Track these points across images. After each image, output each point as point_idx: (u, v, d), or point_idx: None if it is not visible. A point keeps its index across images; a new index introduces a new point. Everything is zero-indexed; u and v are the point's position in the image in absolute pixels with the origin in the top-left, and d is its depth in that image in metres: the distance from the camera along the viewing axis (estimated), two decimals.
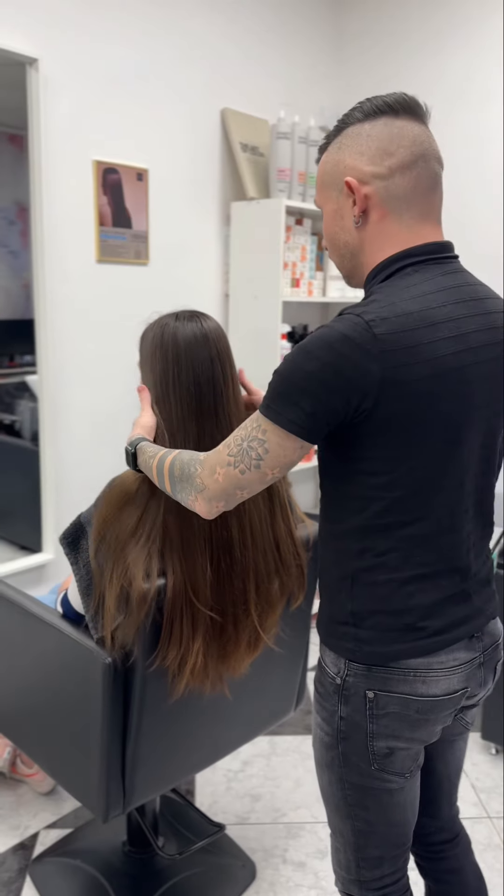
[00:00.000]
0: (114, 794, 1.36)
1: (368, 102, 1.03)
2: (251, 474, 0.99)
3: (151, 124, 2.41)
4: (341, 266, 1.12)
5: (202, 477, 1.04)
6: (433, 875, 1.33)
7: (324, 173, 1.07)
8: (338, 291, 2.89)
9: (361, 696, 1.07)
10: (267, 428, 0.97)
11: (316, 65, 3.00)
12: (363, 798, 1.12)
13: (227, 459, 1.01)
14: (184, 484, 1.07)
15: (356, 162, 1.02)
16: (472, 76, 2.69)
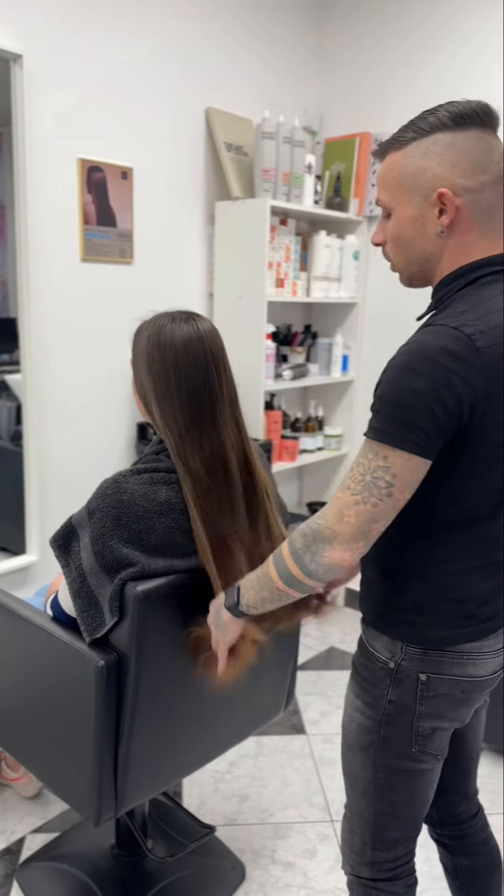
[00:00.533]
0: (106, 797, 1.35)
1: (455, 108, 1.02)
2: (385, 504, 0.99)
3: (136, 123, 2.40)
4: (406, 268, 1.12)
5: (331, 527, 1.02)
6: (465, 851, 1.39)
7: (403, 175, 1.05)
8: (321, 292, 2.90)
9: (414, 678, 1.12)
10: (388, 454, 0.98)
11: (299, 65, 3.00)
12: (394, 780, 1.17)
13: (353, 499, 1.00)
14: (312, 548, 1.03)
15: (448, 173, 1.02)
16: (456, 75, 2.71)
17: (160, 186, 2.52)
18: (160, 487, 1.29)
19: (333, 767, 2.24)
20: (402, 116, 2.87)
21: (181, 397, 1.28)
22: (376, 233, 1.13)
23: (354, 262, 3.00)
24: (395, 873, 1.24)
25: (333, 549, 1.01)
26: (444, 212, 1.03)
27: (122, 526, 1.26)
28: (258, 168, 2.58)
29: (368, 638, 1.18)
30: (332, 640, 3.05)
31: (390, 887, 1.24)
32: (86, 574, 1.30)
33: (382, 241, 1.13)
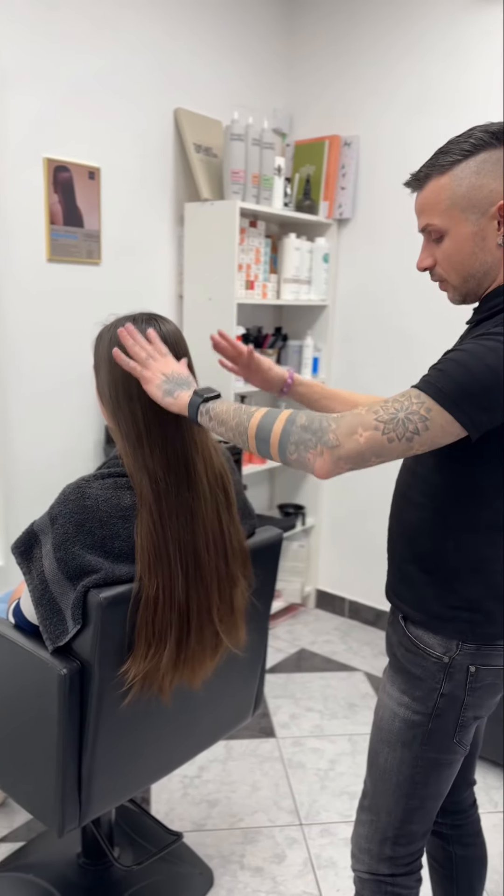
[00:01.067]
0: (70, 807, 1.33)
1: (493, 127, 1.07)
2: (398, 445, 0.99)
3: (104, 123, 2.37)
4: (463, 284, 1.14)
5: (337, 433, 1.00)
6: (462, 841, 1.44)
7: (455, 196, 1.08)
8: (292, 294, 2.89)
9: (464, 671, 1.17)
10: (432, 408, 0.97)
11: (268, 67, 3.00)
12: (429, 773, 1.21)
13: (374, 423, 0.99)
14: (307, 435, 1.02)
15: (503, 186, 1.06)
16: (425, 81, 2.73)
17: (128, 187, 2.49)
18: (124, 493, 1.27)
19: (303, 770, 2.24)
20: (371, 120, 2.88)
21: (142, 398, 1.26)
22: (423, 258, 1.16)
23: (324, 265, 3.01)
24: (411, 867, 1.27)
25: (321, 454, 1.01)
26: (503, 223, 1.07)
27: (84, 532, 1.24)
28: (227, 170, 2.57)
29: (417, 634, 1.20)
30: (302, 643, 3.05)
31: (406, 882, 1.26)
32: (48, 581, 1.28)
33: (432, 264, 1.15)
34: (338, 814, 2.06)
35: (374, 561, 3.14)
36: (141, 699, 1.34)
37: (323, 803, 2.10)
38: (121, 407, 1.28)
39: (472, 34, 2.59)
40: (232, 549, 1.38)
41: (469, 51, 2.60)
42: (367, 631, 3.18)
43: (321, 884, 1.82)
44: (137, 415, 1.27)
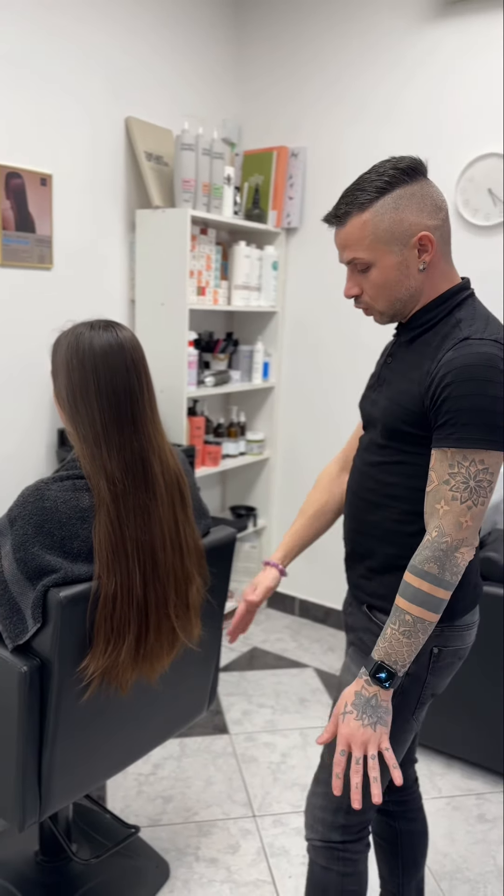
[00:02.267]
0: (30, 802, 1.36)
1: (402, 164, 1.18)
2: (488, 499, 1.14)
3: (56, 130, 2.40)
4: (390, 309, 1.25)
5: (454, 537, 1.13)
6: (406, 816, 1.54)
7: (380, 231, 1.18)
8: (242, 300, 2.96)
9: (428, 653, 1.27)
10: (483, 457, 1.11)
11: (216, 79, 3.07)
12: (393, 749, 1.29)
13: (466, 506, 1.12)
14: (447, 563, 1.13)
15: (420, 218, 1.18)
16: (367, 94, 2.83)
17: (80, 193, 2.52)
18: (83, 494, 1.31)
19: (256, 764, 2.30)
20: (316, 131, 2.97)
21: (101, 402, 1.30)
22: (350, 287, 1.26)
23: (273, 272, 3.08)
24: (360, 834, 1.34)
25: (462, 553, 1.14)
26: (423, 251, 1.19)
27: (44, 533, 1.28)
28: (178, 178, 2.62)
29: (384, 622, 1.27)
30: (254, 641, 3.12)
31: (355, 847, 1.34)
32: (7, 581, 1.31)
33: (358, 293, 1.25)
34: (289, 805, 2.13)
35: (324, 561, 3.23)
36: (100, 695, 1.38)
37: (275, 795, 2.16)
38: (78, 411, 1.32)
39: (413, 51, 2.70)
40: (187, 548, 1.44)
41: (409, 67, 2.72)
42: (317, 629, 3.27)
43: (274, 871, 1.88)
44: (95, 418, 1.31)
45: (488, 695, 2.14)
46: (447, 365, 1.13)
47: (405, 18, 2.70)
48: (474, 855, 1.96)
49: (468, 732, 2.22)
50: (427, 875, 1.89)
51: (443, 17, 2.62)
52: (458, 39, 2.60)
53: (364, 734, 1.16)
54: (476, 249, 2.67)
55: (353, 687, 1.19)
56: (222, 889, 1.82)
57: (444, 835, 2.03)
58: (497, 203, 2.59)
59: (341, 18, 2.85)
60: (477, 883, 1.87)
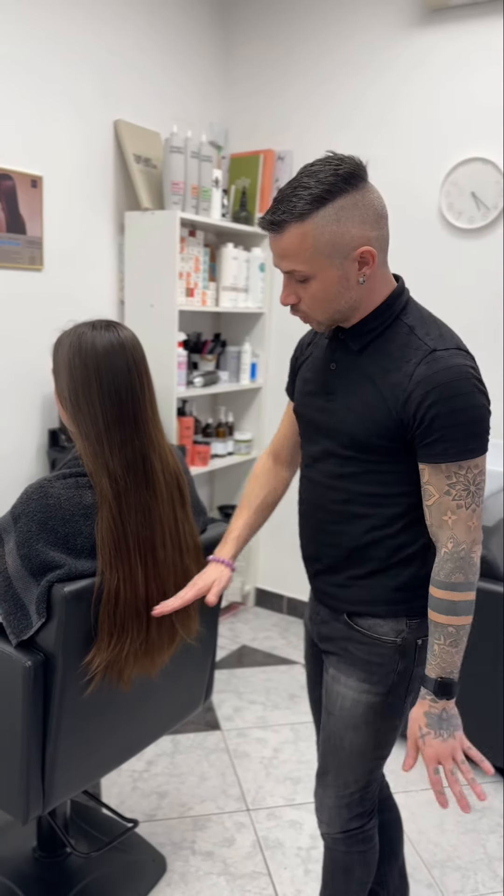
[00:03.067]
0: (34, 795, 1.38)
1: (342, 170, 1.10)
2: (482, 499, 1.19)
3: (46, 132, 2.41)
4: (329, 318, 1.22)
5: (469, 541, 1.18)
6: (380, 806, 1.57)
7: (321, 244, 1.12)
8: (230, 302, 2.99)
9: (413, 645, 1.30)
10: (478, 463, 1.17)
11: (204, 82, 3.10)
12: (389, 738, 1.35)
13: (470, 511, 1.18)
14: (472, 567, 1.19)
15: (362, 230, 1.13)
16: (356, 99, 2.88)
17: (70, 195, 2.54)
18: (86, 491, 1.34)
19: (248, 759, 2.33)
20: (302, 135, 3.01)
21: (103, 401, 1.33)
22: (286, 295, 1.21)
23: (261, 274, 3.12)
24: (373, 812, 1.43)
25: (476, 552, 1.20)
26: (363, 264, 1.15)
27: (48, 530, 1.30)
28: (167, 181, 2.65)
29: (368, 626, 1.31)
30: (243, 639, 3.15)
31: (370, 824, 1.44)
32: (11, 578, 1.33)
33: (296, 301, 1.21)
34: (282, 798, 2.16)
35: None
36: (102, 689, 1.40)
37: (268, 789, 2.19)
38: (80, 409, 1.35)
39: (398, 57, 2.75)
40: (186, 544, 1.47)
41: (395, 72, 2.77)
42: None
43: (269, 863, 1.91)
44: (97, 416, 1.33)
45: (473, 688, 2.19)
46: (425, 383, 1.13)
47: (391, 25, 2.75)
48: (464, 844, 2.01)
49: None
50: (419, 863, 1.93)
51: (427, 24, 2.67)
52: (442, 46, 2.66)
53: (448, 747, 1.20)
54: (459, 252, 2.72)
55: (420, 709, 1.22)
56: (219, 881, 1.84)
57: (435, 825, 2.07)
58: (480, 206, 2.65)
59: (327, 25, 2.90)
60: (467, 870, 1.91)
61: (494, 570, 2.16)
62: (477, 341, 2.71)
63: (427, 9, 2.65)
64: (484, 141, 2.63)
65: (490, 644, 2.14)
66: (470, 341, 2.67)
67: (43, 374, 2.51)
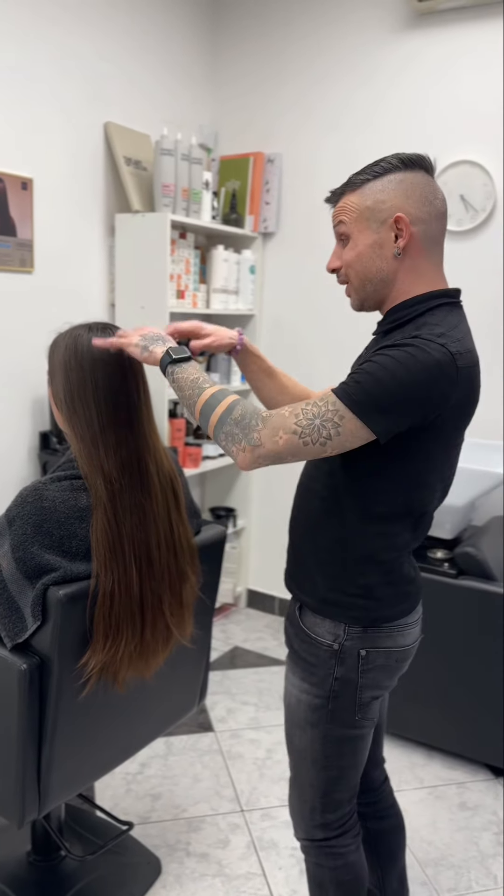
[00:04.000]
0: (29, 798, 1.38)
1: (403, 155, 1.19)
2: (313, 448, 1.11)
3: (37, 134, 2.41)
4: (361, 289, 1.24)
5: (261, 433, 1.12)
6: (377, 815, 1.56)
7: (362, 207, 1.20)
8: (220, 304, 3.00)
9: (355, 655, 1.26)
10: (345, 415, 1.09)
11: (194, 84, 3.10)
12: (341, 748, 1.32)
13: (294, 427, 1.10)
14: (236, 430, 1.13)
15: (403, 203, 1.17)
16: (345, 101, 2.89)
17: (61, 197, 2.54)
18: (81, 494, 1.34)
19: (241, 760, 2.33)
20: (292, 137, 3.02)
21: (98, 403, 1.33)
22: (332, 260, 1.26)
23: (251, 276, 3.13)
24: (343, 829, 1.39)
25: (244, 450, 1.13)
26: (399, 236, 1.18)
27: (43, 532, 1.30)
28: (158, 183, 2.65)
29: (309, 625, 1.30)
30: (235, 640, 3.15)
31: (341, 841, 1.38)
32: (6, 581, 1.33)
33: (338, 266, 1.26)
34: (277, 799, 2.16)
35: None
36: (98, 691, 1.41)
37: (262, 790, 2.20)
38: (76, 411, 1.35)
39: (387, 60, 2.77)
40: (181, 547, 1.47)
41: (384, 75, 2.78)
42: None
43: (264, 863, 1.92)
44: (92, 418, 1.33)
45: (464, 687, 2.20)
46: (381, 350, 1.13)
47: (380, 28, 2.77)
48: (457, 842, 2.02)
49: (447, 724, 2.28)
50: (412, 862, 1.94)
51: (416, 27, 2.69)
52: (431, 49, 2.68)
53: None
54: (449, 255, 2.74)
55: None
56: (214, 882, 1.85)
57: (428, 823, 2.08)
58: (469, 209, 2.67)
59: (317, 28, 2.91)
60: (461, 868, 1.93)
61: (486, 570, 2.18)
62: None
63: (415, 12, 2.66)
64: (472, 144, 2.65)
65: (488, 644, 2.16)
66: None
67: (34, 376, 2.50)
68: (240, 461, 1.14)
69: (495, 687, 2.16)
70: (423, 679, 2.28)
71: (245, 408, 1.15)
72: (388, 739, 2.46)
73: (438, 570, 2.24)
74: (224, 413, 1.15)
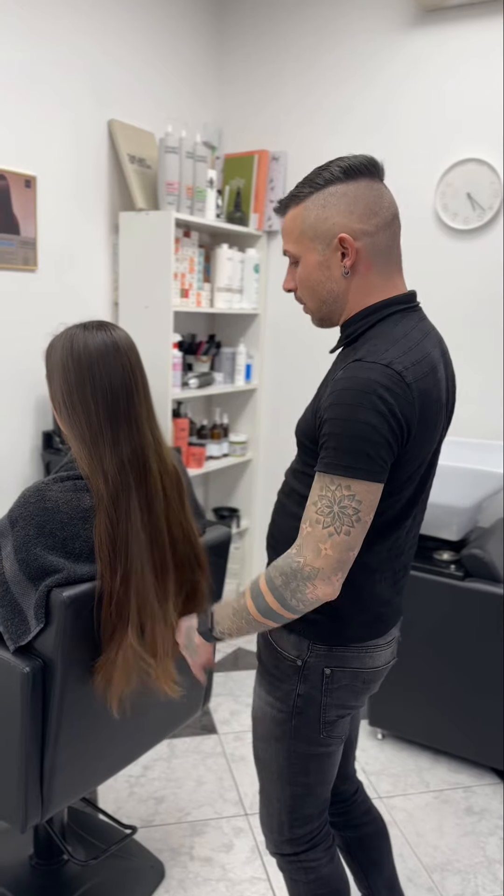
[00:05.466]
0: (32, 803, 1.36)
1: (344, 163, 1.13)
2: (356, 529, 1.07)
3: (40, 132, 2.39)
4: (318, 310, 1.21)
5: (310, 563, 1.07)
6: (350, 824, 1.53)
7: (306, 226, 1.15)
8: (225, 303, 2.98)
9: (319, 673, 1.22)
10: (350, 484, 1.05)
11: (198, 82, 3.08)
12: (307, 764, 1.28)
13: (327, 532, 1.06)
14: (292, 584, 1.09)
15: (346, 220, 1.12)
16: (351, 99, 2.87)
17: (64, 195, 2.52)
18: (83, 495, 1.32)
19: (245, 763, 2.31)
20: (296, 136, 3.00)
21: (97, 403, 1.30)
22: (287, 280, 1.23)
23: (255, 275, 3.11)
24: (312, 843, 1.35)
25: (315, 586, 1.08)
26: (345, 254, 1.14)
27: (46, 534, 1.28)
28: (162, 181, 2.63)
29: (275, 637, 1.28)
30: (238, 642, 3.13)
31: (311, 855, 1.35)
32: (9, 583, 1.31)
33: (294, 287, 1.22)
34: None
35: None
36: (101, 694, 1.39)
37: None
38: (75, 412, 1.32)
39: (393, 58, 2.75)
40: (187, 545, 1.45)
41: (390, 73, 2.76)
42: None
43: (268, 868, 1.90)
44: (91, 419, 1.31)
45: (471, 691, 2.18)
46: (332, 385, 1.09)
47: (385, 26, 2.75)
48: (463, 847, 2.00)
49: (454, 727, 2.26)
50: (418, 867, 1.92)
51: (422, 25, 2.67)
52: (437, 47, 2.65)
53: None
54: (455, 253, 2.72)
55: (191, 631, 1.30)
56: (218, 887, 1.83)
57: (434, 828, 2.06)
58: (476, 207, 2.64)
59: (322, 25, 2.89)
60: (467, 874, 1.90)
61: (493, 572, 2.16)
62: (473, 342, 2.71)
63: (422, 10, 2.64)
64: (479, 142, 2.62)
65: (495, 647, 2.14)
66: (466, 342, 2.69)
67: (37, 375, 2.48)
68: (322, 596, 1.09)
69: (501, 690, 2.14)
70: (428, 681, 2.26)
71: (277, 567, 1.11)
72: (393, 742, 2.44)
73: (445, 573, 2.22)
74: (272, 593, 1.11)
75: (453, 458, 2.44)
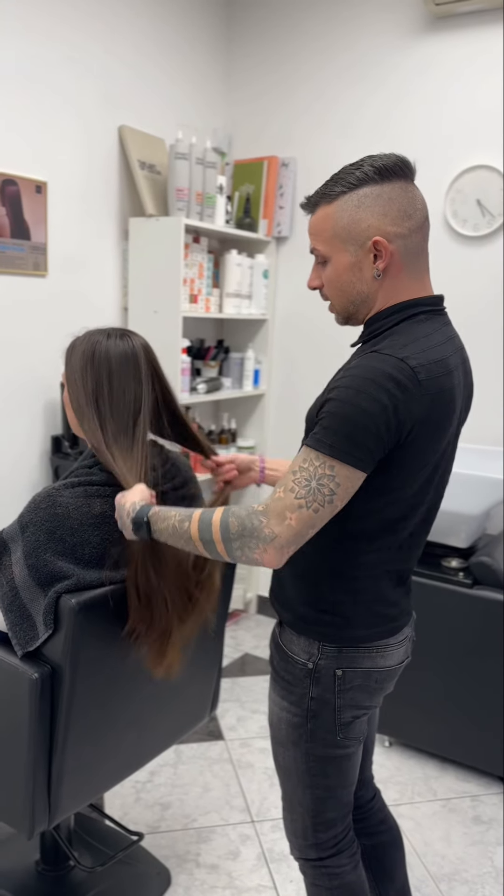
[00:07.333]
0: (39, 809, 1.36)
1: (378, 162, 1.12)
2: (325, 510, 1.06)
3: (51, 138, 2.41)
4: (344, 309, 1.20)
5: (270, 527, 1.06)
6: (366, 832, 1.51)
7: (337, 227, 1.14)
8: (233, 308, 2.98)
9: (331, 675, 1.22)
10: (334, 465, 1.05)
11: (208, 88, 3.09)
12: (326, 767, 1.28)
13: (296, 502, 1.05)
14: (245, 539, 1.07)
15: (380, 222, 1.11)
16: (360, 105, 2.87)
17: (75, 201, 2.53)
18: (94, 500, 1.32)
19: (252, 770, 2.31)
20: (306, 142, 3.01)
21: (116, 409, 1.31)
22: (312, 278, 1.22)
23: (264, 281, 3.11)
24: (338, 848, 1.35)
25: (265, 551, 1.06)
26: (378, 257, 1.13)
27: (56, 539, 1.28)
28: (172, 187, 2.64)
29: (286, 642, 1.28)
30: (245, 647, 3.13)
31: (336, 861, 1.35)
32: (18, 588, 1.31)
33: (319, 285, 1.21)
34: None
35: None
36: (110, 699, 1.39)
37: (273, 800, 2.17)
38: (93, 416, 1.32)
39: (403, 64, 2.75)
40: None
41: (399, 79, 2.76)
42: None
43: (275, 876, 1.89)
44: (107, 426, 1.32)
45: (479, 699, 2.17)
46: (345, 371, 1.10)
47: (395, 31, 2.75)
48: (471, 856, 1.99)
49: (462, 735, 2.25)
50: (425, 876, 1.91)
51: (432, 31, 2.67)
52: (447, 53, 2.65)
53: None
54: (464, 259, 2.71)
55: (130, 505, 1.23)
56: (224, 894, 1.82)
57: (441, 837, 2.05)
58: (486, 214, 2.64)
59: (331, 30, 2.89)
60: (475, 884, 1.89)
61: (502, 580, 2.15)
62: (482, 348, 2.70)
63: (432, 16, 2.64)
64: (489, 148, 2.62)
65: (498, 654, 2.13)
66: (474, 348, 2.68)
67: (47, 380, 2.49)
68: (267, 562, 1.07)
69: None
70: (436, 689, 2.25)
71: (237, 515, 1.09)
72: (400, 750, 2.43)
73: (453, 580, 2.21)
74: (222, 533, 1.10)
75: (461, 465, 2.43)
